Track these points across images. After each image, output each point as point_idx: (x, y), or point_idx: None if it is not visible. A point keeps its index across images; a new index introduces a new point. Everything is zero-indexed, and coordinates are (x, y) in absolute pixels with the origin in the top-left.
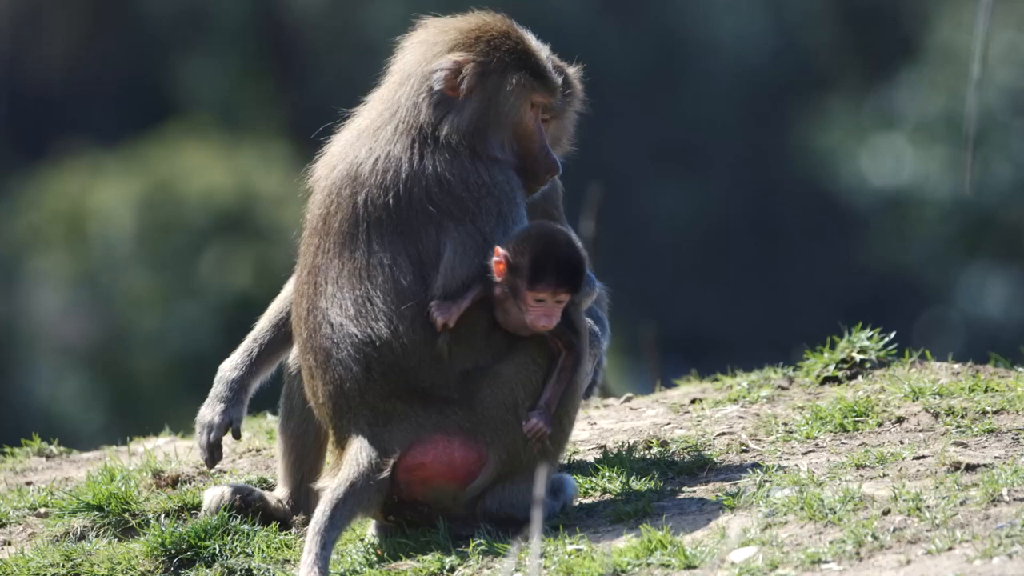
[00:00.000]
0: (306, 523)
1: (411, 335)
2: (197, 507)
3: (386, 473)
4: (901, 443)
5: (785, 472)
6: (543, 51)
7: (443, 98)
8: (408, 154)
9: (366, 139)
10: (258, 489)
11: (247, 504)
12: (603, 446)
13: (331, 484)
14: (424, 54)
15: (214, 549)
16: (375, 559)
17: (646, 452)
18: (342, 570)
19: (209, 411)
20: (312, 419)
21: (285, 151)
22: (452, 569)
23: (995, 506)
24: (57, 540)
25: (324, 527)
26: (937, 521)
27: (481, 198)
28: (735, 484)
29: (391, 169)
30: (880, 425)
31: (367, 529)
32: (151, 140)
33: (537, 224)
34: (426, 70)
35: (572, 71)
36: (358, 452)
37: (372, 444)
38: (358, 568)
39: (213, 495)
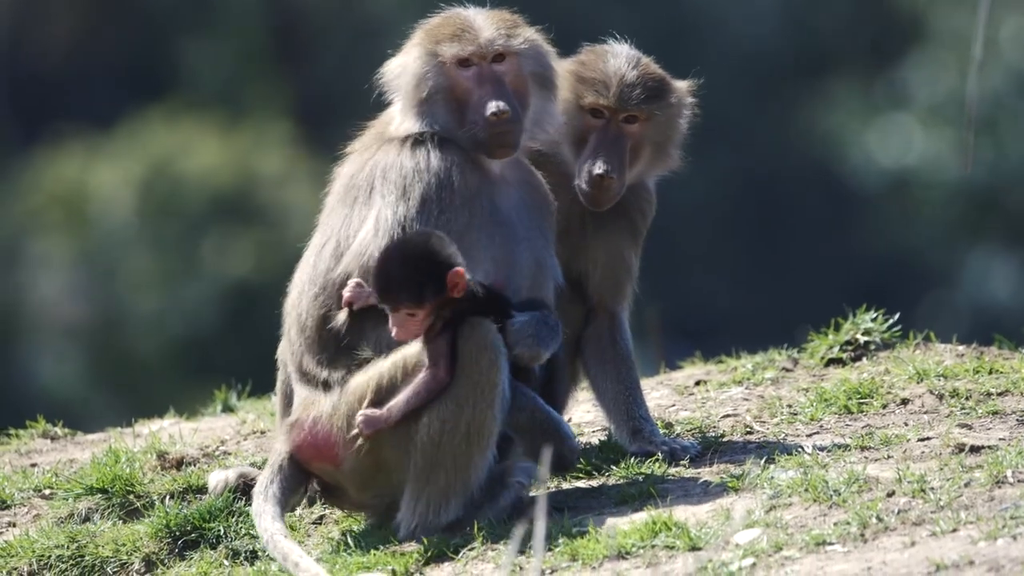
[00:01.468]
0: (310, 504)
1: (312, 311)
2: (202, 489)
3: (283, 454)
4: (905, 425)
5: (789, 454)
6: (455, 16)
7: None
8: (366, 152)
9: (356, 149)
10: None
11: (251, 486)
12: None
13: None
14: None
15: (219, 531)
16: (380, 541)
17: None
18: (348, 551)
19: None
20: None
21: (286, 133)
22: (456, 550)
23: (999, 488)
24: (62, 522)
25: (258, 512)
26: (942, 503)
27: (412, 183)
28: (740, 466)
29: (351, 163)
30: (885, 407)
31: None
32: (151, 122)
33: (415, 233)
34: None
35: (682, 85)
36: (278, 435)
37: (281, 425)
38: (363, 550)
39: (218, 478)
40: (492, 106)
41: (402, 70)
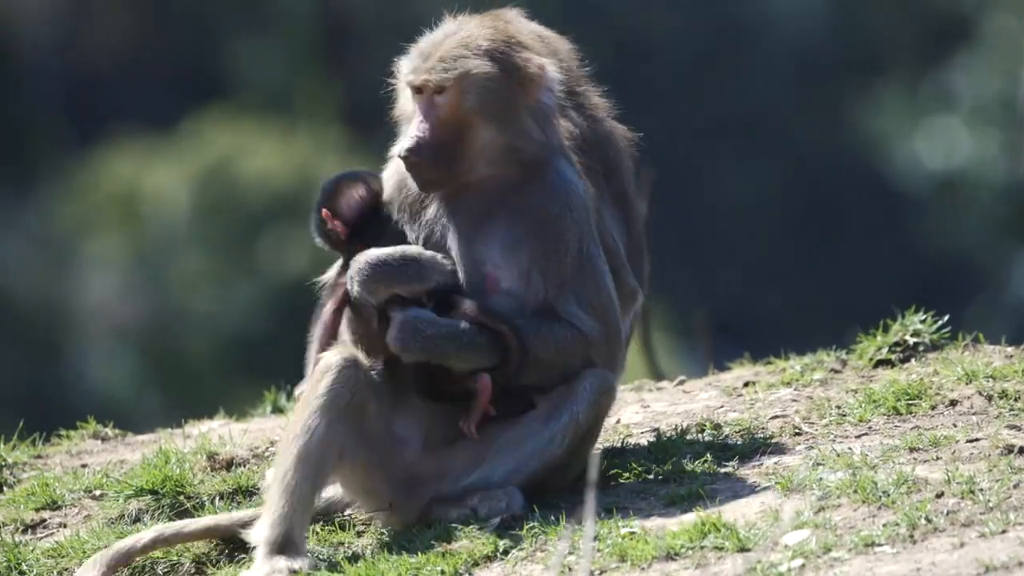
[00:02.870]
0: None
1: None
2: (252, 490)
3: None
4: (954, 426)
5: (838, 455)
6: (425, 39)
7: None
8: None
9: None
10: None
11: None
12: (656, 429)
13: None
14: None
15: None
16: (434, 538)
17: (699, 435)
18: (397, 551)
19: None
20: None
21: (340, 137)
22: (506, 552)
23: None
24: (112, 522)
25: None
26: (991, 504)
27: None
28: (788, 467)
29: None
30: (933, 408)
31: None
32: (205, 123)
33: None
34: None
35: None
36: None
37: None
38: (411, 551)
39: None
40: (402, 145)
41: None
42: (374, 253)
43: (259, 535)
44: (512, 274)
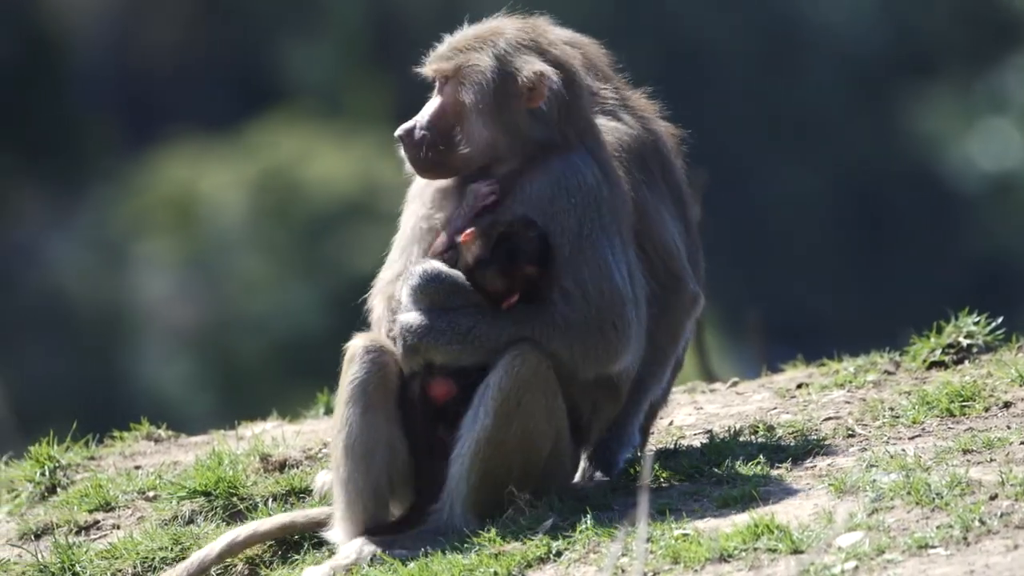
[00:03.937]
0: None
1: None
2: (304, 491)
3: None
4: (1008, 428)
5: (892, 457)
6: (459, 32)
7: None
8: None
9: None
10: None
11: None
12: (709, 431)
13: None
14: None
15: (322, 533)
16: (485, 542)
17: (752, 437)
18: (450, 552)
19: None
20: None
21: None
22: (559, 553)
23: None
24: (165, 524)
25: None
26: None
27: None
28: (841, 469)
29: None
30: (987, 410)
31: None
32: (262, 125)
33: None
34: None
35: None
36: None
37: None
38: (464, 552)
39: (324, 479)
40: (401, 127)
41: None
42: (440, 268)
43: (335, 524)
44: None
